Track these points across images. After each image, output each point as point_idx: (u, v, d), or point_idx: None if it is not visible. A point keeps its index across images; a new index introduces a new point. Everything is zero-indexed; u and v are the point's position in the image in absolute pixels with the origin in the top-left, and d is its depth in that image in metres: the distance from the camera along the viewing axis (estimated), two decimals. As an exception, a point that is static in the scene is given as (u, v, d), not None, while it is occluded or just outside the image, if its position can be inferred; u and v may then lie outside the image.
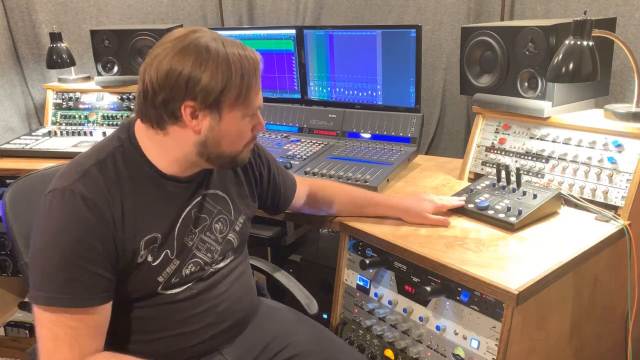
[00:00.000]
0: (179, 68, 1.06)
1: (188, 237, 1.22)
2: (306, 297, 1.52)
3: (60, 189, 1.07)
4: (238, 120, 1.15)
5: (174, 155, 1.16)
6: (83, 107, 2.55)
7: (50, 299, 1.04)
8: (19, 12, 2.70)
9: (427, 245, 1.39)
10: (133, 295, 1.17)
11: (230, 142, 1.17)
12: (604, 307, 1.50)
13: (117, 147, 1.15)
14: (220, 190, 1.30)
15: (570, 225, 1.48)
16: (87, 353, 1.06)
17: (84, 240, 1.05)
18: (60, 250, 1.04)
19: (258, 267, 1.63)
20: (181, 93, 1.08)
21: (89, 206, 1.06)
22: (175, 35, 1.11)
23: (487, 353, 1.24)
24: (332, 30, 2.13)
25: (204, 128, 1.12)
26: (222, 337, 1.28)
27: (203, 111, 1.10)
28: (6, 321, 2.47)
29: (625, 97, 1.88)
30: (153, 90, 1.09)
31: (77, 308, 1.05)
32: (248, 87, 1.12)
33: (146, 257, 1.15)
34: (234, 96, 1.11)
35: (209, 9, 2.75)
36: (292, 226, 2.13)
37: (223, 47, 1.09)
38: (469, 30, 1.83)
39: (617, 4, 1.85)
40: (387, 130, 2.07)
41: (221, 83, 1.08)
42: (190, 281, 1.23)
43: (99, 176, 1.10)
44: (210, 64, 1.07)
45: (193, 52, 1.07)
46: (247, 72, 1.11)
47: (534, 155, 1.70)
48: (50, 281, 1.04)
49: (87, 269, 1.05)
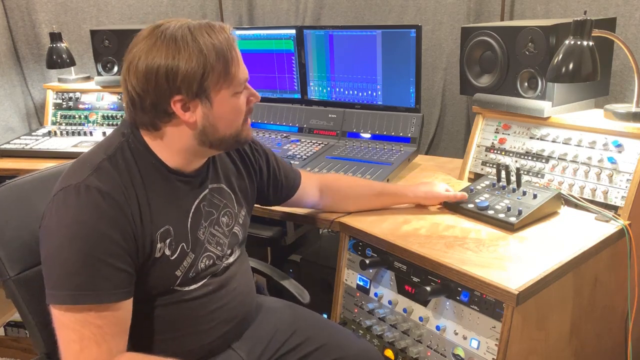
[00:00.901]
0: (155, 67, 1.06)
1: (200, 230, 1.22)
2: (297, 287, 1.56)
3: (74, 185, 1.05)
4: (228, 100, 1.14)
5: (176, 149, 1.16)
6: (83, 107, 2.55)
7: (74, 296, 1.00)
8: (19, 12, 2.70)
9: (427, 245, 1.39)
10: (152, 292, 1.15)
11: (228, 122, 1.16)
12: (604, 307, 1.50)
13: (123, 141, 1.15)
14: (224, 184, 1.31)
15: (570, 225, 1.48)
16: (115, 352, 1.04)
17: (105, 234, 1.03)
18: (81, 245, 1.01)
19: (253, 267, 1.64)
20: (166, 90, 1.07)
21: (106, 200, 1.04)
22: (142, 36, 1.10)
23: (487, 353, 1.24)
24: (332, 30, 2.13)
25: (199, 118, 1.12)
26: (232, 333, 1.29)
27: (193, 101, 1.10)
28: (6, 321, 2.47)
29: (625, 97, 1.88)
30: (138, 96, 1.09)
31: (102, 304, 1.02)
32: (226, 64, 1.11)
33: (164, 250, 1.13)
34: (216, 77, 1.10)
35: (209, 9, 2.75)
36: (292, 226, 2.13)
37: (189, 32, 1.08)
38: (469, 30, 1.83)
39: (617, 4, 1.85)
40: (387, 130, 2.07)
41: (199, 69, 1.07)
42: (205, 277, 1.22)
43: (113, 170, 1.09)
44: (183, 53, 1.06)
45: (163, 46, 1.06)
46: (221, 49, 1.10)
47: (534, 155, 1.70)
48: (73, 278, 1.01)
49: (110, 264, 1.03)
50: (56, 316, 1.02)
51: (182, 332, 1.20)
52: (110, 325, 1.04)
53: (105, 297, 1.02)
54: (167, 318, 1.18)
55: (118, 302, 1.04)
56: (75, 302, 1.01)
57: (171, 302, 1.18)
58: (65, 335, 1.02)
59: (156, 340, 1.19)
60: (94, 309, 1.02)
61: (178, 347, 1.20)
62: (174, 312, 1.18)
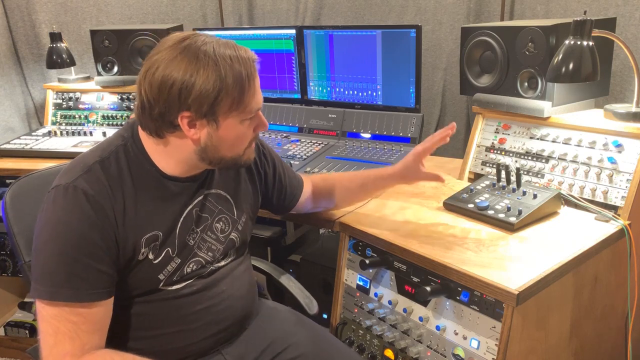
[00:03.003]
0: (170, 80, 1.06)
1: (190, 236, 1.22)
2: (306, 297, 1.52)
3: (64, 185, 1.09)
4: (236, 126, 1.14)
5: (175, 159, 1.17)
6: (83, 107, 2.55)
7: (52, 293, 1.05)
8: (19, 12, 2.70)
9: (427, 245, 1.39)
10: (134, 292, 1.18)
11: (230, 146, 1.17)
12: (604, 306, 1.50)
13: (121, 145, 1.16)
14: (222, 190, 1.31)
15: (570, 225, 1.48)
16: (88, 348, 1.07)
17: (85, 235, 1.06)
18: (62, 245, 1.06)
19: (257, 267, 1.63)
20: (175, 105, 1.07)
21: (90, 202, 1.07)
22: (167, 44, 1.10)
23: (487, 353, 1.24)
24: (332, 30, 2.13)
25: (203, 136, 1.12)
26: (221, 336, 1.28)
27: (200, 120, 1.10)
28: (6, 321, 2.47)
29: (625, 97, 1.88)
30: (149, 103, 1.09)
31: (78, 302, 1.06)
32: (242, 92, 1.11)
33: (147, 254, 1.15)
34: (229, 103, 1.10)
35: (209, 9, 2.76)
36: (292, 226, 2.14)
37: (213, 52, 1.07)
38: (469, 30, 1.83)
39: (617, 4, 1.85)
40: (387, 130, 2.07)
41: (213, 91, 1.07)
42: (190, 278, 1.23)
43: (101, 173, 1.11)
44: (201, 73, 1.06)
45: (184, 61, 1.06)
46: (240, 77, 1.09)
47: (534, 155, 1.70)
48: (52, 276, 1.05)
49: (89, 264, 1.06)
50: (38, 309, 1.08)
51: (166, 329, 1.21)
52: (85, 322, 1.07)
53: (82, 296, 1.06)
54: (151, 315, 1.20)
55: (95, 301, 1.08)
56: (52, 299, 1.06)
57: (154, 300, 1.20)
58: (43, 328, 1.07)
59: (140, 336, 1.20)
60: (70, 305, 1.06)
61: (162, 345, 1.21)
62: (156, 309, 1.20)
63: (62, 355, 1.05)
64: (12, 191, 1.34)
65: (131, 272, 1.15)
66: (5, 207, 1.31)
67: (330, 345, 1.38)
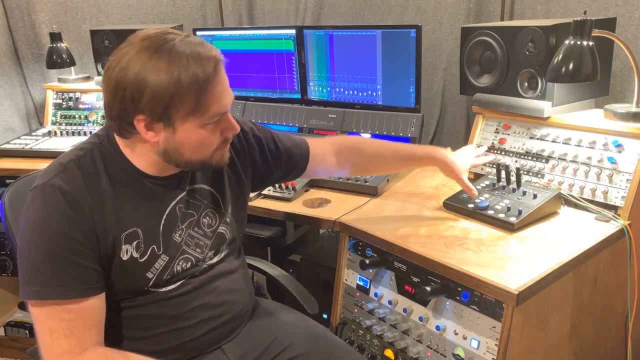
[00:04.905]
0: (124, 81, 1.03)
1: (175, 233, 1.21)
2: (306, 297, 1.52)
3: (41, 185, 1.09)
4: (196, 130, 1.09)
5: (147, 160, 1.16)
6: (83, 107, 2.55)
7: (39, 292, 1.06)
8: (19, 12, 2.70)
9: (427, 245, 1.39)
10: (126, 294, 1.17)
11: (193, 150, 1.13)
12: (604, 307, 1.50)
13: (95, 144, 1.16)
14: (205, 184, 1.28)
15: (570, 225, 1.48)
16: (86, 344, 1.07)
17: (65, 232, 1.06)
18: (43, 243, 1.06)
19: (257, 267, 1.63)
20: (130, 107, 1.05)
21: (67, 199, 1.07)
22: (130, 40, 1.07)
23: (487, 353, 1.24)
24: (332, 30, 2.13)
25: (161, 140, 1.10)
26: (220, 332, 1.28)
27: (157, 124, 1.07)
28: (6, 321, 2.47)
29: (625, 97, 1.88)
30: (108, 104, 1.08)
31: (66, 300, 1.06)
32: (200, 96, 1.05)
33: (131, 253, 1.15)
34: (185, 108, 1.05)
35: (209, 9, 2.75)
36: (292, 226, 2.13)
37: (169, 53, 1.02)
38: (469, 30, 1.82)
39: (617, 4, 1.85)
40: (387, 130, 2.07)
41: (166, 95, 1.02)
42: (183, 278, 1.23)
43: (77, 171, 1.11)
44: (153, 76, 1.02)
45: (140, 61, 1.02)
46: (198, 80, 1.04)
47: (534, 155, 1.70)
48: (38, 275, 1.06)
49: (72, 261, 1.06)
50: (30, 310, 1.08)
51: (162, 329, 1.21)
52: (78, 319, 1.07)
53: (70, 293, 1.06)
54: (146, 316, 1.20)
55: (84, 297, 1.08)
56: (40, 298, 1.06)
57: (148, 302, 1.19)
58: (38, 328, 1.07)
59: (135, 336, 1.20)
60: (59, 303, 1.06)
61: (159, 344, 1.21)
62: (152, 310, 1.20)
63: (60, 353, 1.05)
64: (12, 191, 1.34)
65: (118, 272, 1.14)
66: (4, 207, 1.32)
67: (330, 344, 1.37)
